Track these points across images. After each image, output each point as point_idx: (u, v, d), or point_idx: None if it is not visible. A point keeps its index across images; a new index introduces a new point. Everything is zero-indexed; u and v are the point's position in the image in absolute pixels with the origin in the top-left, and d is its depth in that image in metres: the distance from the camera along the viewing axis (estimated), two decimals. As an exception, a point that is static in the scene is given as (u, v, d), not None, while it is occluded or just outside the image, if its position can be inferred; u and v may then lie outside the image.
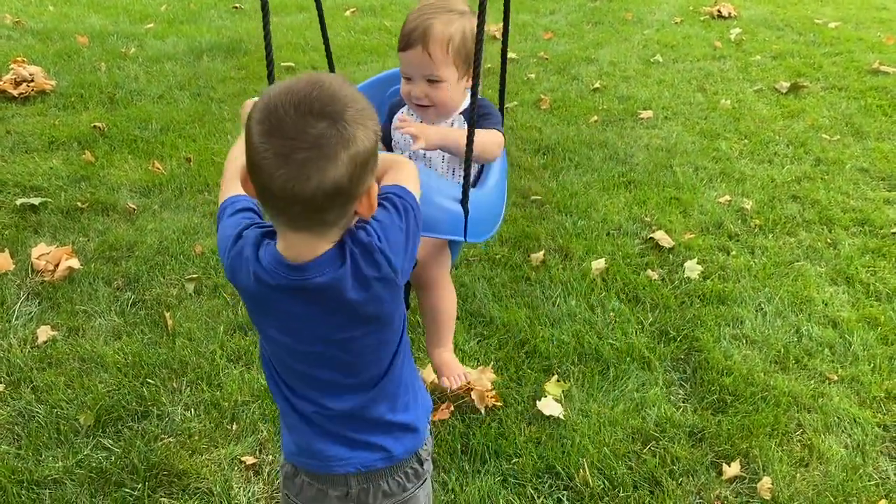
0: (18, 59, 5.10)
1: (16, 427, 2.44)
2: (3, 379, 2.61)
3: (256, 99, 1.17)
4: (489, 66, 5.42)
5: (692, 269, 3.25)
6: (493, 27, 6.38)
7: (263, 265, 1.26)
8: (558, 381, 2.63)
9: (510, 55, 5.84)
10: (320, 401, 1.38)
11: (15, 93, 4.68)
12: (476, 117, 1.69)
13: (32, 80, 4.78)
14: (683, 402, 2.59)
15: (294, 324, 1.31)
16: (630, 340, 2.83)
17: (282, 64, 5.51)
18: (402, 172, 1.41)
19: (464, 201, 1.71)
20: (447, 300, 2.00)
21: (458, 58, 1.89)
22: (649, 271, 3.24)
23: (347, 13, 6.79)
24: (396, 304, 1.35)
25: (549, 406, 2.51)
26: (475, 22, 1.77)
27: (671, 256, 3.36)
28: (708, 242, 3.47)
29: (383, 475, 1.46)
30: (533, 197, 3.82)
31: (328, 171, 1.11)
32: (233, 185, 1.41)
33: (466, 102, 1.94)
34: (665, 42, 6.26)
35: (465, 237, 1.74)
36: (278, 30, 6.29)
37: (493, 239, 3.43)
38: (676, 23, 6.80)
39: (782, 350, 2.81)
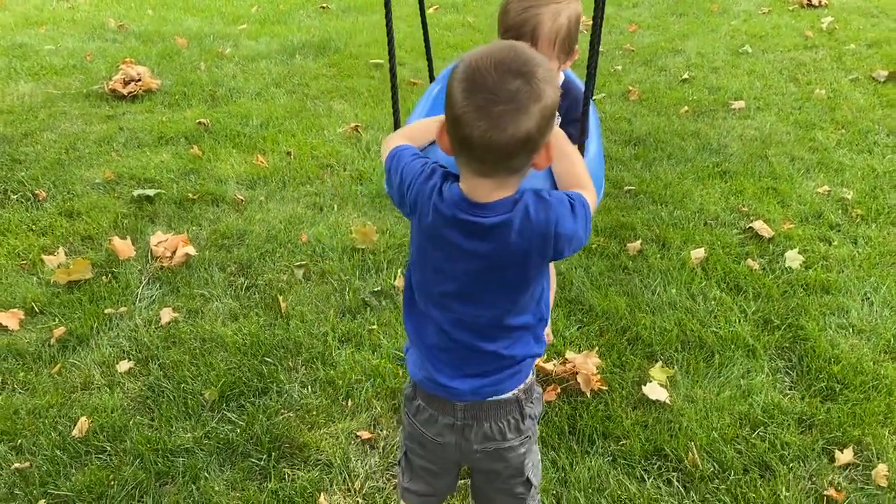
0: (126, 60, 5.39)
1: (147, 400, 2.61)
2: (133, 356, 2.79)
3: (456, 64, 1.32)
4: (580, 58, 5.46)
5: (793, 258, 3.22)
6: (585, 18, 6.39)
7: (444, 199, 1.41)
8: (663, 367, 2.65)
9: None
10: (448, 328, 1.51)
11: (125, 91, 4.95)
12: (569, 119, 1.79)
13: (140, 80, 5.04)
14: (790, 390, 2.58)
15: (454, 255, 1.43)
16: (733, 328, 2.83)
17: (370, 61, 5.66)
18: (571, 158, 1.53)
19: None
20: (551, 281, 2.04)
21: (562, 49, 1.93)
22: (749, 261, 3.22)
23: (431, 10, 6.90)
24: (542, 268, 1.45)
25: (655, 391, 2.54)
26: (579, 7, 1.82)
27: (771, 246, 3.33)
28: (808, 232, 3.42)
29: (486, 414, 1.57)
30: (627, 187, 3.83)
31: (522, 122, 1.25)
32: (400, 141, 1.60)
33: (560, 80, 1.99)
34: (753, 32, 6.15)
35: None
36: (366, 28, 6.45)
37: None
38: (764, 13, 6.66)
39: (892, 340, 2.77)
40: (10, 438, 2.45)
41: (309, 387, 2.63)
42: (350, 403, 2.56)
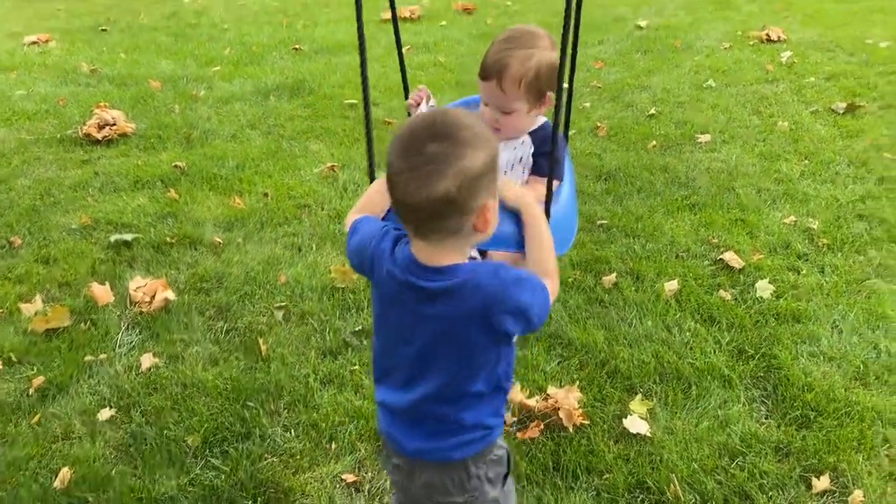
0: (100, 104, 5.40)
1: (130, 448, 2.59)
2: (114, 404, 2.78)
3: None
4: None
5: (764, 288, 3.30)
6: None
7: (397, 261, 1.48)
8: (642, 399, 2.70)
9: (564, 84, 5.97)
10: (402, 389, 1.56)
11: (99, 136, 4.96)
12: (541, 151, 1.86)
13: (115, 124, 5.05)
14: (766, 419, 2.64)
15: (409, 317, 1.49)
16: (709, 359, 2.89)
17: (344, 101, 5.73)
18: (541, 242, 1.62)
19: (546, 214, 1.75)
20: None
21: (530, 92, 1.97)
22: (721, 292, 3.30)
23: (403, 50, 6.99)
24: (496, 336, 1.47)
25: (636, 424, 2.58)
26: (555, 55, 1.88)
27: (742, 277, 3.42)
28: (777, 262, 3.52)
29: (430, 467, 1.61)
30: (599, 221, 3.92)
31: (437, 183, 1.32)
32: (357, 215, 1.68)
33: (537, 124, 2.05)
34: (716, 67, 6.34)
35: None
36: (339, 69, 6.54)
37: (563, 262, 3.54)
38: (725, 48, 6.87)
39: (861, 366, 2.85)
40: (-10, 492, 2.42)
41: (292, 430, 2.64)
42: (334, 446, 2.56)
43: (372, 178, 1.89)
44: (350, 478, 2.43)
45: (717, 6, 8.53)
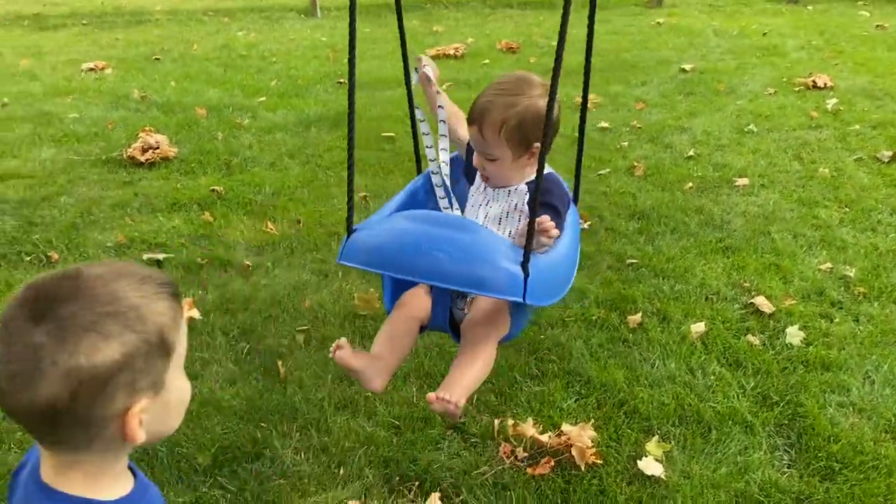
0: (146, 128, 5.57)
1: (141, 463, 2.61)
2: (130, 418, 2.80)
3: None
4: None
5: (794, 335, 3.21)
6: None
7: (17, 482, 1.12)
8: (659, 441, 2.63)
9: (603, 124, 5.98)
10: None
11: (142, 159, 5.11)
12: (542, 201, 1.71)
13: (158, 148, 5.20)
14: (788, 468, 2.54)
15: None
16: (732, 404, 2.81)
17: (382, 134, 5.81)
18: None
19: (524, 263, 1.70)
20: (479, 365, 1.93)
21: (513, 140, 1.95)
22: (750, 336, 3.22)
23: (444, 87, 7.10)
24: None
25: (651, 466, 2.51)
26: (539, 103, 1.85)
27: (772, 322, 3.33)
28: (810, 309, 3.42)
29: None
30: (629, 260, 3.87)
31: (40, 387, 0.94)
32: None
33: (530, 176, 2.02)
34: (759, 112, 6.27)
35: (524, 298, 1.71)
36: (379, 102, 6.65)
37: (589, 300, 3.50)
38: (770, 93, 6.80)
39: (893, 419, 2.73)
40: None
41: (302, 453, 2.63)
42: (342, 471, 2.54)
43: (349, 229, 1.87)
44: (356, 504, 2.41)
45: (764, 52, 8.48)
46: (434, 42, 9.18)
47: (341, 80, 7.45)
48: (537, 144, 1.93)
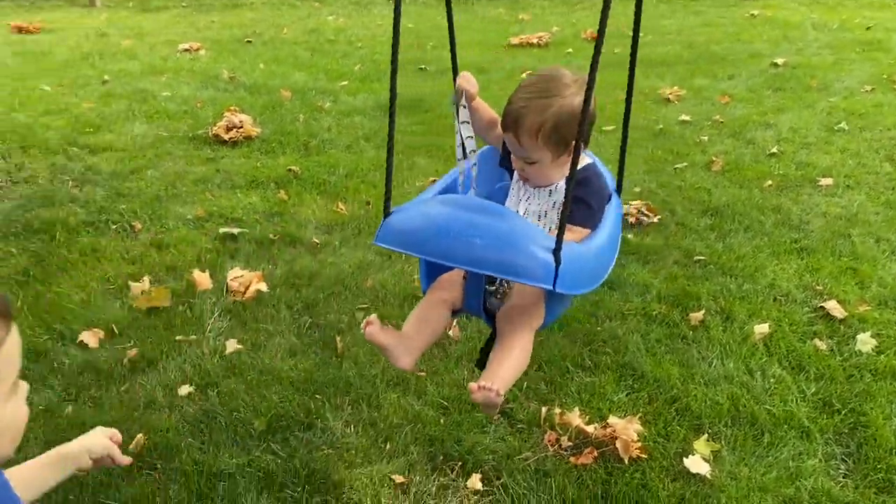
0: (231, 108, 5.79)
1: (201, 424, 2.75)
2: (194, 382, 2.96)
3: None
4: (660, 126, 5.45)
5: (865, 342, 3.08)
6: (669, 91, 6.41)
7: None
8: (708, 440, 2.58)
9: (683, 117, 5.83)
10: None
11: (226, 137, 5.32)
12: (575, 196, 1.68)
13: (241, 127, 5.40)
14: (844, 478, 2.45)
15: None
16: (789, 408, 2.72)
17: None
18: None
19: (556, 251, 1.67)
20: (516, 355, 1.92)
21: (551, 142, 1.91)
22: (817, 341, 3.10)
23: (524, 75, 7.08)
24: None
25: (697, 464, 2.46)
26: (580, 98, 1.76)
27: (842, 327, 3.20)
28: (885, 316, 3.27)
29: None
30: (697, 257, 3.78)
31: None
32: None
33: (585, 161, 1.99)
34: (852, 110, 5.98)
35: (553, 286, 1.68)
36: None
37: (651, 295, 3.45)
38: (866, 91, 6.48)
39: (964, 436, 2.59)
40: (74, 447, 2.62)
41: (352, 426, 2.71)
42: (388, 446, 2.61)
43: (386, 212, 1.89)
44: (399, 479, 2.47)
45: (866, 47, 8.07)
46: (519, 30, 9.14)
47: (422, 67, 7.53)
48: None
